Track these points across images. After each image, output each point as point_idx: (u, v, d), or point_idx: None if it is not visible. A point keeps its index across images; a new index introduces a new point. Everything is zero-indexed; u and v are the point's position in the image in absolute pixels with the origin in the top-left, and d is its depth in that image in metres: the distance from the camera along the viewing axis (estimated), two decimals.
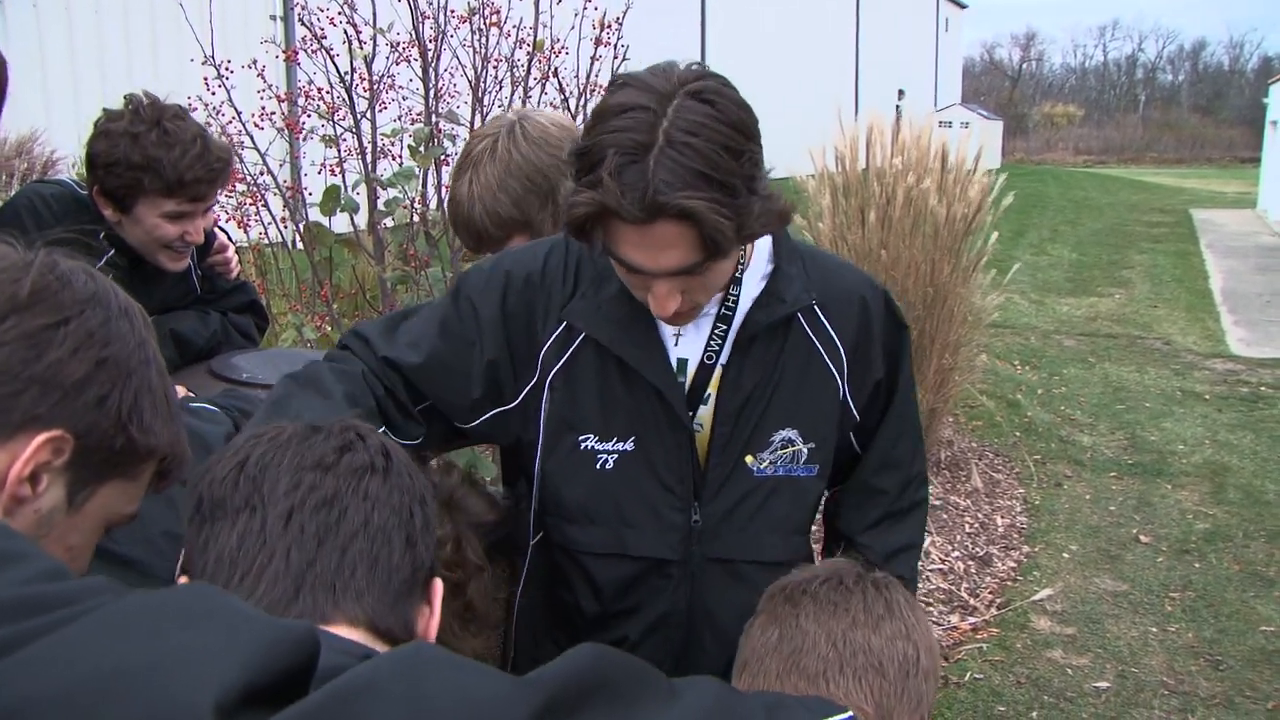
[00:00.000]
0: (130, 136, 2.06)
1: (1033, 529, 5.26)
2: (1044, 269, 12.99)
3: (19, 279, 0.89)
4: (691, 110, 1.34)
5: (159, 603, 0.64)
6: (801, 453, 1.68)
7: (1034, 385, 7.80)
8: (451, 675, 0.62)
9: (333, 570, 0.90)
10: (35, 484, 0.89)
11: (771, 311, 1.62)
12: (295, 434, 0.99)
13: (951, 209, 5.41)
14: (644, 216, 1.33)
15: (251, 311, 2.58)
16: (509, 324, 1.66)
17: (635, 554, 1.70)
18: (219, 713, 0.55)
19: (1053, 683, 3.83)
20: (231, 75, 4.24)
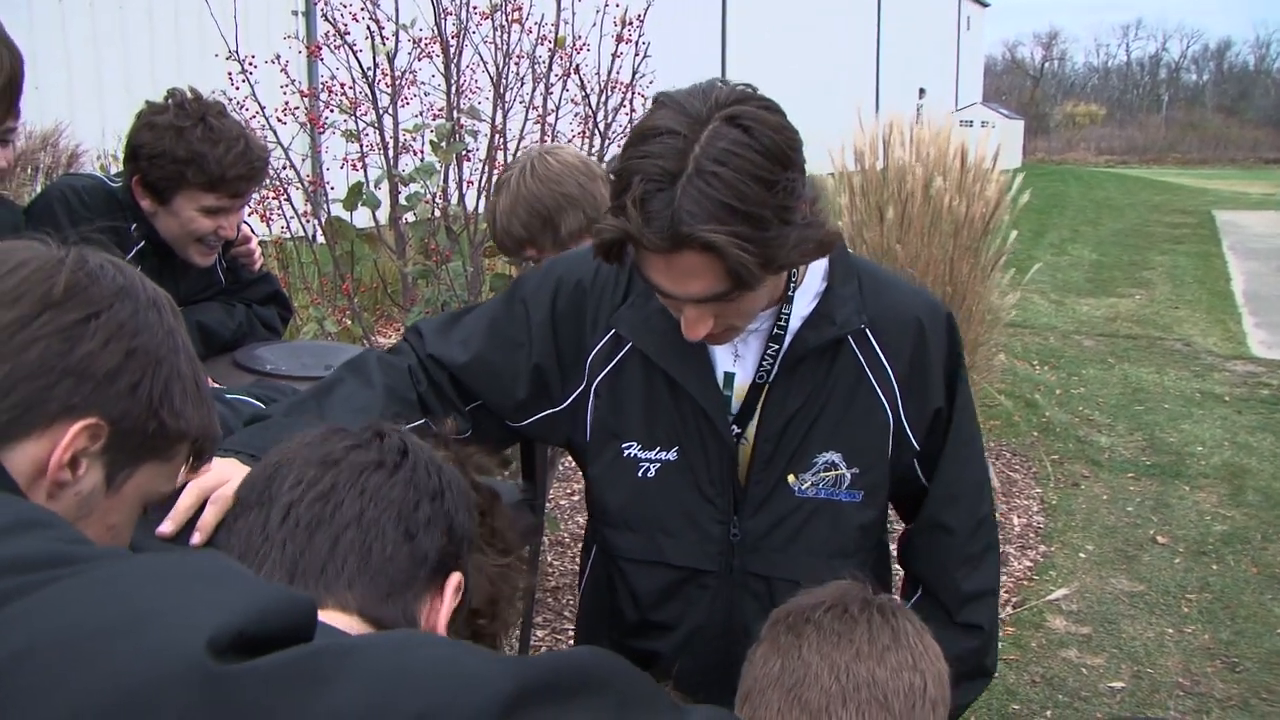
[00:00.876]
0: (175, 130, 2.10)
1: (1049, 529, 5.26)
2: (1064, 269, 12.94)
3: (52, 276, 0.93)
4: (724, 137, 1.30)
5: (173, 561, 0.69)
6: (845, 477, 1.66)
7: (1052, 385, 7.78)
8: (440, 650, 0.64)
9: (323, 558, 0.94)
10: (75, 469, 0.94)
11: (821, 333, 1.60)
12: (320, 435, 1.04)
13: (970, 208, 5.41)
14: (666, 246, 1.32)
15: (275, 303, 2.61)
16: (558, 327, 1.67)
17: (673, 562, 1.70)
18: (211, 647, 0.57)
19: (1067, 682, 3.83)
20: (254, 70, 4.28)
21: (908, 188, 5.45)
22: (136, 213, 2.22)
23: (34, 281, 0.93)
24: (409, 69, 4.47)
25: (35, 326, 0.92)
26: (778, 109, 1.39)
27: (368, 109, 4.34)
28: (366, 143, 4.38)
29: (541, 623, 3.92)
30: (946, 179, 5.39)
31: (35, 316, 0.92)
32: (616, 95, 4.81)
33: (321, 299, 4.74)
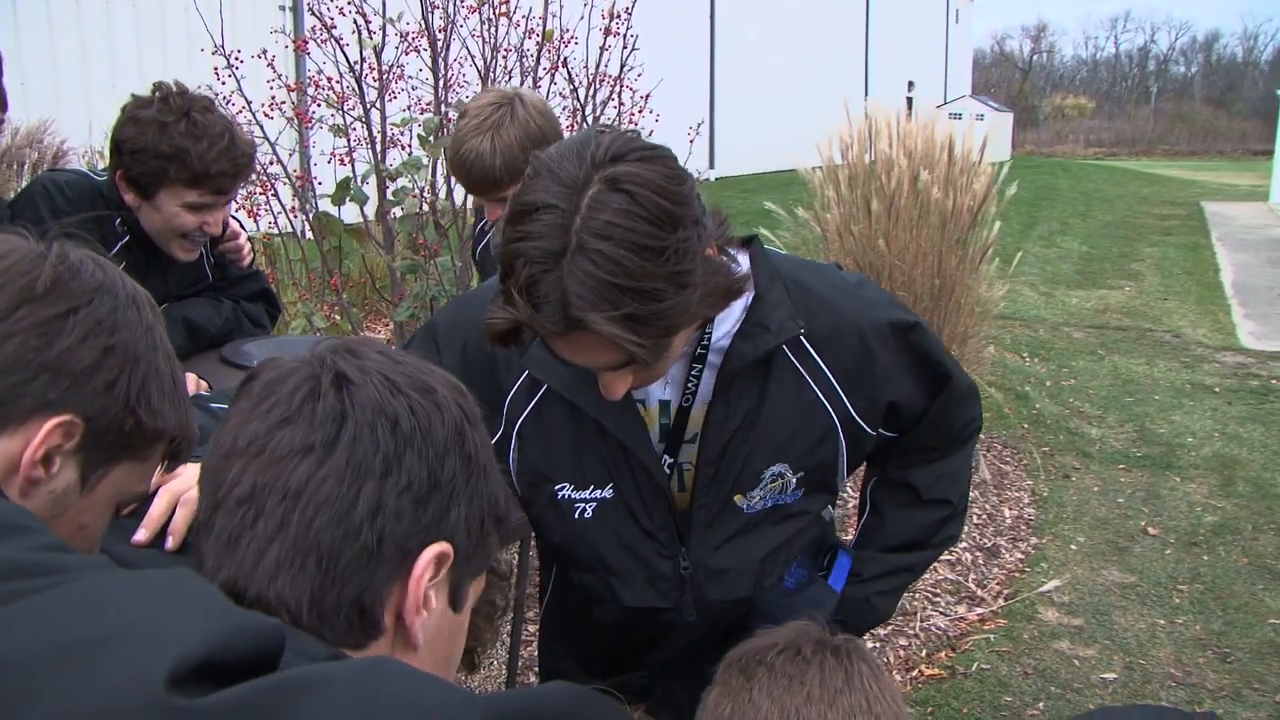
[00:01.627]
0: (159, 125, 2.08)
1: (1040, 520, 5.26)
2: (1053, 261, 12.95)
3: (33, 270, 0.92)
4: (605, 207, 1.20)
5: (140, 580, 0.67)
6: (791, 482, 1.61)
7: (1042, 377, 7.79)
8: (408, 685, 0.63)
9: (245, 573, 0.85)
10: (49, 466, 0.92)
11: (756, 344, 1.51)
12: (258, 387, 0.91)
13: (958, 201, 5.40)
14: (561, 330, 1.24)
15: (263, 299, 2.59)
16: (470, 376, 1.58)
17: (626, 603, 1.65)
18: (171, 682, 0.56)
19: (1059, 674, 3.84)
20: (241, 65, 4.25)
21: (894, 181, 5.44)
22: (121, 207, 2.20)
23: (14, 275, 0.92)
24: (396, 63, 4.46)
25: (12, 320, 0.90)
26: (662, 157, 1.27)
27: (355, 103, 4.32)
28: (354, 137, 4.36)
29: (529, 636, 3.91)
30: (933, 172, 5.38)
31: (13, 310, 0.91)
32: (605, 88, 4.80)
33: (309, 294, 4.72)
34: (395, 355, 0.91)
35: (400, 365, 0.90)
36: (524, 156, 2.24)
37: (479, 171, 2.36)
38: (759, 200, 6.09)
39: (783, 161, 5.59)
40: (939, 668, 3.86)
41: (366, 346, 0.90)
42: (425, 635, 0.86)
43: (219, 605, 0.66)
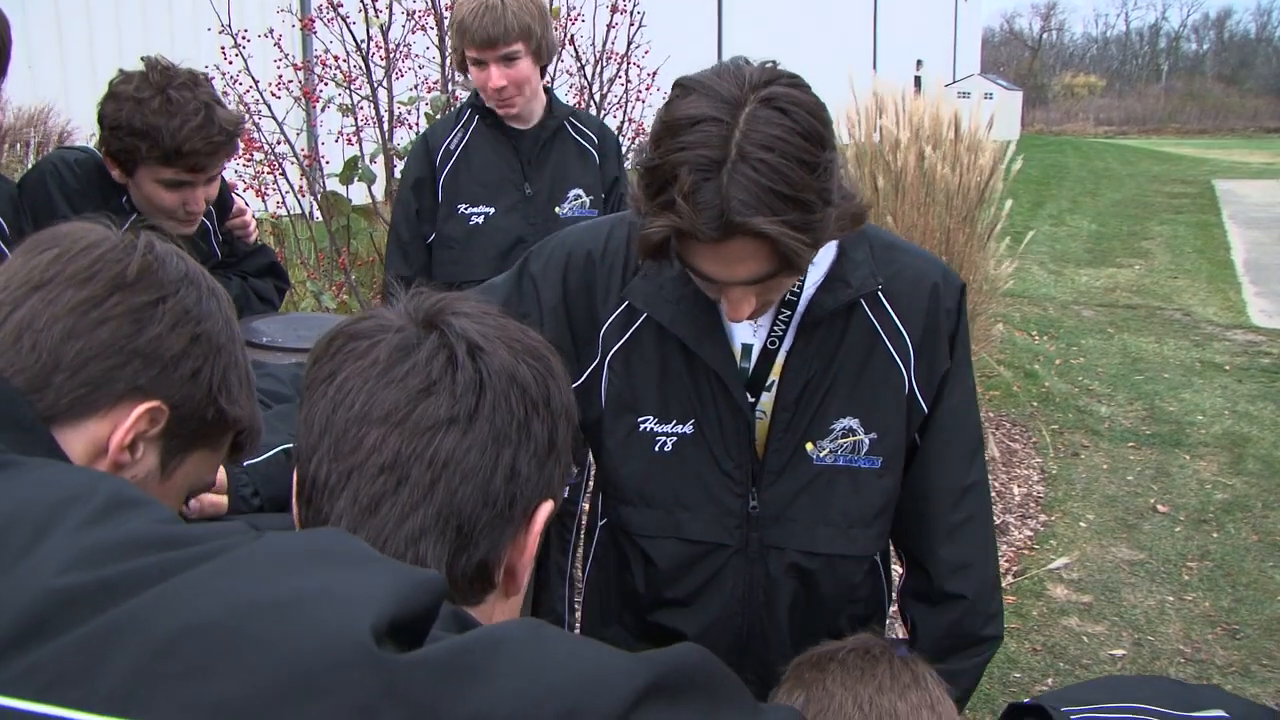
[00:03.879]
0: (135, 101, 2.06)
1: (1050, 498, 5.26)
2: (1063, 239, 12.91)
3: (124, 259, 0.94)
4: (765, 121, 1.28)
5: (299, 542, 0.70)
6: (863, 443, 1.64)
7: (1052, 355, 7.77)
8: (572, 645, 0.67)
9: (387, 536, 0.87)
10: (134, 451, 0.94)
11: (836, 296, 1.57)
12: (380, 359, 0.90)
13: (964, 178, 5.38)
14: (719, 236, 1.30)
15: (272, 274, 2.59)
16: (570, 304, 1.65)
17: (691, 538, 1.68)
18: (374, 635, 0.60)
19: (1068, 650, 3.84)
20: (248, 44, 4.25)
21: (900, 158, 5.42)
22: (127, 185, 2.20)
23: (108, 262, 0.94)
24: (403, 41, 4.44)
25: (107, 306, 0.92)
26: (806, 86, 1.36)
27: (362, 82, 4.32)
28: (361, 116, 4.36)
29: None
30: (939, 149, 5.36)
31: (107, 296, 0.93)
32: (611, 66, 4.78)
33: (318, 274, 4.72)
34: (496, 314, 0.94)
35: (508, 328, 0.93)
36: (529, 14, 2.67)
37: (491, 21, 2.59)
38: None
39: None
40: None
41: (468, 305, 0.93)
42: None
43: (381, 559, 0.69)
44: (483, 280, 2.81)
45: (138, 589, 0.63)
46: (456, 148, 2.91)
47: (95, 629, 0.61)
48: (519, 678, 0.62)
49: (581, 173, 2.98)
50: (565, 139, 2.99)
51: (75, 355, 0.91)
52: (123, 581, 0.64)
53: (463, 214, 2.89)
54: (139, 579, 0.64)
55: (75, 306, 0.92)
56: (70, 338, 0.91)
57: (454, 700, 0.59)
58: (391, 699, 0.58)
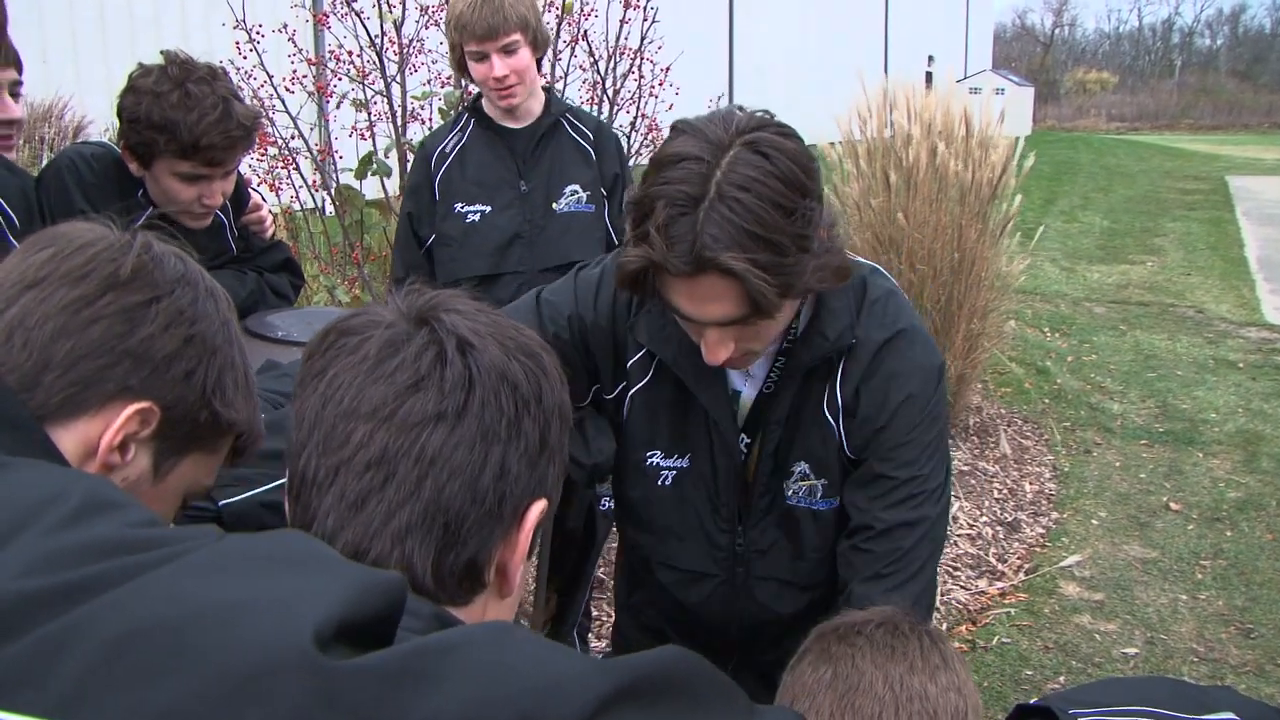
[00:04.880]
0: (154, 95, 2.07)
1: (1061, 495, 5.25)
2: (1075, 236, 12.86)
3: (118, 258, 0.94)
4: (745, 163, 1.32)
5: (259, 545, 0.69)
6: (817, 487, 1.69)
7: (1064, 352, 7.75)
8: (536, 649, 0.66)
9: (372, 533, 0.87)
10: (124, 452, 0.94)
11: (813, 349, 1.59)
12: (370, 354, 0.89)
13: (976, 174, 5.37)
14: (689, 270, 1.33)
15: (287, 269, 2.60)
16: (615, 323, 1.70)
17: (680, 566, 1.78)
18: (318, 640, 0.59)
19: (1080, 648, 3.84)
20: (262, 39, 4.25)
21: (912, 154, 5.41)
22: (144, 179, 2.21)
23: (102, 261, 0.93)
24: (417, 36, 4.45)
25: (99, 305, 0.92)
26: (795, 135, 1.40)
27: (376, 77, 4.32)
28: (375, 111, 4.36)
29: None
30: (950, 145, 5.35)
31: (99, 295, 0.92)
32: (625, 61, 4.77)
33: (331, 268, 4.73)
34: (490, 312, 0.93)
35: (501, 325, 0.92)
36: (525, 6, 2.75)
37: (489, 12, 2.65)
38: None
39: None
40: (960, 641, 3.86)
41: (461, 302, 0.92)
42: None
43: (341, 563, 0.68)
44: (480, 276, 2.86)
45: (95, 592, 0.62)
46: (452, 150, 2.96)
47: (50, 632, 0.60)
48: (470, 684, 0.60)
49: (578, 169, 2.99)
50: (561, 135, 3.01)
51: (66, 354, 0.90)
52: (81, 585, 0.63)
53: (459, 213, 2.93)
54: (97, 583, 0.63)
55: (67, 305, 0.91)
56: (61, 336, 0.91)
57: (397, 707, 0.58)
58: (329, 705, 0.57)
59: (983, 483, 5.28)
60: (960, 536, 4.68)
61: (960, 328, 5.56)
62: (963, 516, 4.86)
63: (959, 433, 5.77)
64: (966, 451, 5.61)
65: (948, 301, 5.49)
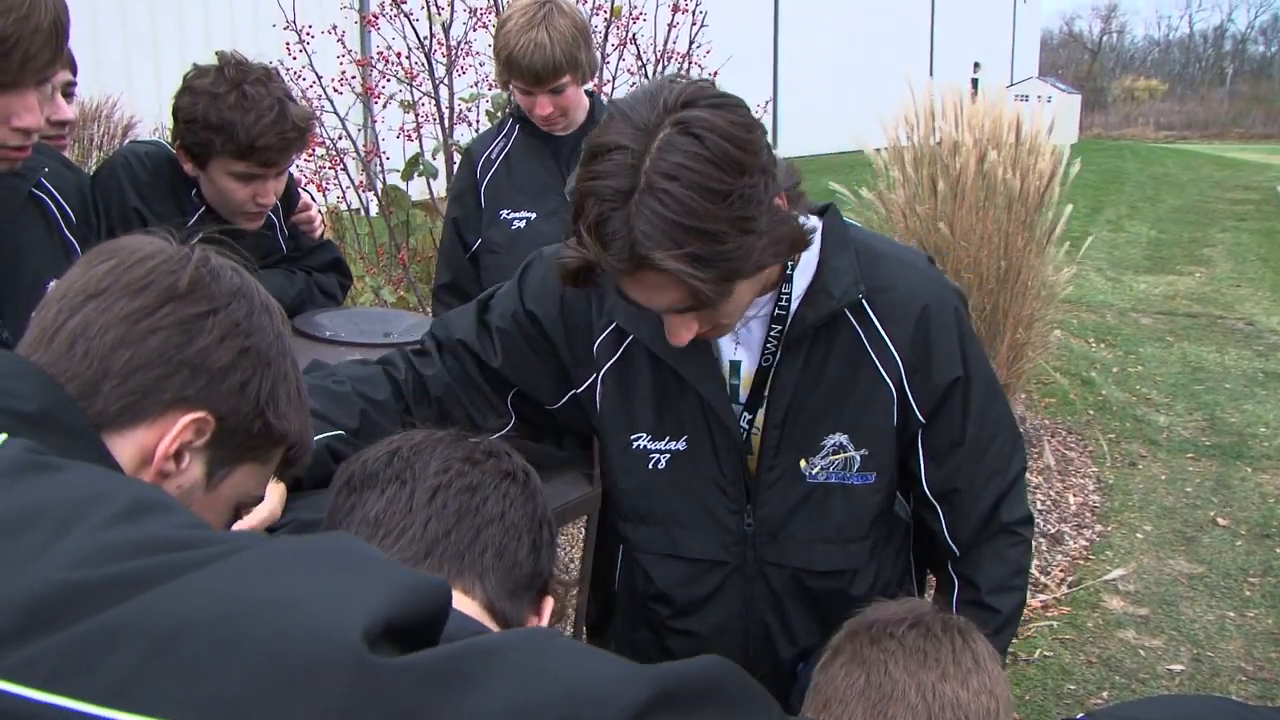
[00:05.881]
0: (210, 96, 2.09)
1: (1106, 508, 5.18)
2: (1121, 246, 12.70)
3: (177, 270, 0.96)
4: (674, 149, 1.25)
5: (308, 547, 0.71)
6: (854, 459, 1.62)
7: (1109, 363, 7.65)
8: (577, 655, 0.67)
9: (465, 545, 1.02)
10: (179, 461, 0.95)
11: (819, 309, 1.54)
12: (449, 435, 1.12)
13: (1025, 182, 5.31)
14: (628, 268, 1.29)
15: (336, 270, 2.62)
16: (567, 319, 1.65)
17: (688, 556, 1.68)
18: (367, 638, 0.60)
19: (1124, 663, 3.78)
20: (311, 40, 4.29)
21: (960, 161, 5.37)
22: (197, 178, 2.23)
23: (161, 273, 0.95)
24: (465, 38, 4.47)
25: (158, 316, 0.94)
26: (733, 105, 1.32)
27: (423, 79, 4.34)
28: (422, 113, 4.38)
29: None
30: (1000, 152, 5.30)
31: (158, 307, 0.94)
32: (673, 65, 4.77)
33: (377, 269, 4.76)
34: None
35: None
36: (575, 45, 2.64)
37: (540, 61, 2.60)
38: (823, 181, 6.04)
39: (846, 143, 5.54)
40: None
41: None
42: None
43: (387, 566, 0.70)
44: None
45: (146, 586, 0.64)
46: (498, 157, 2.96)
47: (101, 623, 0.62)
48: (512, 686, 0.62)
49: None
50: None
51: (125, 363, 0.92)
52: (133, 578, 0.65)
53: (505, 219, 2.92)
54: (149, 577, 0.65)
55: (127, 315, 0.93)
56: (121, 346, 0.92)
57: (442, 706, 0.59)
58: (375, 701, 0.58)
59: (1026, 494, 5.22)
60: None
61: (1005, 337, 5.50)
62: None
63: None
64: None
65: (993, 310, 5.44)
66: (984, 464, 1.67)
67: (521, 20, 2.59)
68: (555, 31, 2.59)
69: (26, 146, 1.58)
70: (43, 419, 0.87)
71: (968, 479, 1.67)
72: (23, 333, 0.97)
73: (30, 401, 0.87)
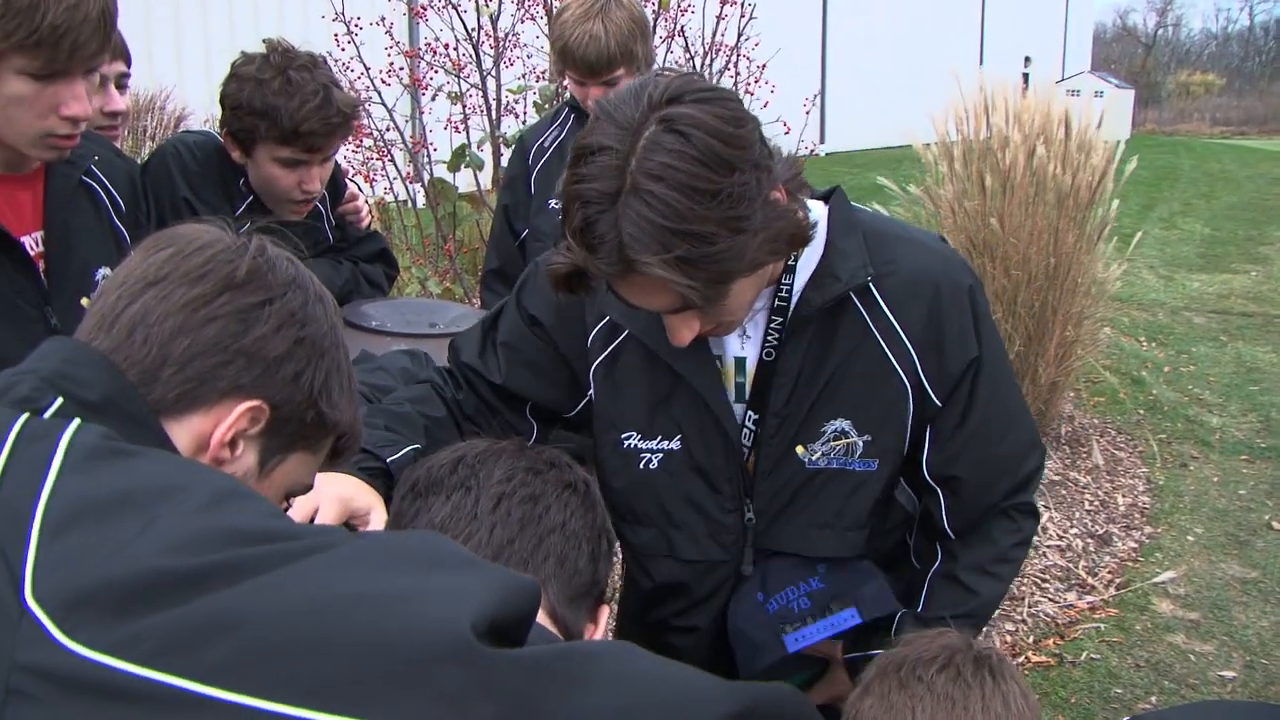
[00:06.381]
0: (256, 82, 2.12)
1: (1156, 509, 5.09)
2: (1174, 244, 12.49)
3: (235, 260, 0.97)
4: (659, 148, 1.21)
5: (402, 543, 0.74)
6: (857, 445, 1.57)
7: (1160, 362, 7.53)
8: (660, 665, 0.71)
9: (529, 552, 1.05)
10: (233, 448, 0.97)
11: (825, 291, 1.49)
12: (512, 444, 1.16)
13: (1076, 177, 5.23)
14: (618, 271, 1.25)
15: (382, 260, 2.63)
16: (560, 314, 1.62)
17: (685, 558, 1.65)
18: (475, 632, 0.63)
19: (1174, 668, 3.72)
20: (360, 31, 4.31)
21: (1009, 156, 5.29)
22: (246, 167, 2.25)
23: (219, 262, 0.97)
24: (512, 31, 4.47)
25: (216, 305, 0.95)
26: (723, 99, 1.28)
27: (471, 71, 4.35)
28: (469, 104, 4.40)
29: None
30: (1050, 148, 5.22)
31: (216, 295, 0.95)
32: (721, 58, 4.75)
33: (424, 260, 4.78)
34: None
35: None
36: (631, 38, 2.62)
37: (595, 53, 2.59)
38: (871, 176, 5.99)
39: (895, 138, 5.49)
40: (1046, 655, 3.77)
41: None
42: None
43: (483, 564, 0.73)
44: None
45: (244, 575, 0.66)
46: (550, 145, 2.96)
47: (202, 607, 0.64)
48: (614, 690, 0.65)
49: None
50: None
51: (183, 351, 0.93)
52: (230, 568, 0.67)
53: (553, 209, 2.91)
54: (246, 567, 0.67)
55: (186, 304, 0.94)
56: (179, 334, 0.94)
57: (551, 700, 0.62)
58: (486, 691, 0.61)
59: (1073, 493, 5.16)
60: (1049, 548, 4.58)
61: (1054, 334, 5.43)
62: (1052, 527, 4.75)
63: (1050, 442, 5.63)
64: (1058, 461, 5.48)
65: (1041, 307, 5.36)
66: (991, 458, 1.62)
67: (579, 11, 2.60)
68: (611, 23, 2.58)
69: (75, 135, 1.59)
70: (106, 405, 0.89)
71: (970, 468, 1.61)
72: (71, 319, 0.98)
73: (94, 389, 0.89)
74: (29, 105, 1.51)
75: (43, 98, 1.51)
